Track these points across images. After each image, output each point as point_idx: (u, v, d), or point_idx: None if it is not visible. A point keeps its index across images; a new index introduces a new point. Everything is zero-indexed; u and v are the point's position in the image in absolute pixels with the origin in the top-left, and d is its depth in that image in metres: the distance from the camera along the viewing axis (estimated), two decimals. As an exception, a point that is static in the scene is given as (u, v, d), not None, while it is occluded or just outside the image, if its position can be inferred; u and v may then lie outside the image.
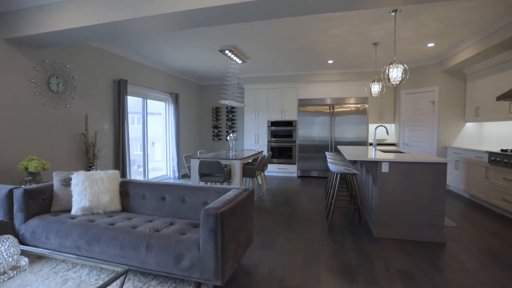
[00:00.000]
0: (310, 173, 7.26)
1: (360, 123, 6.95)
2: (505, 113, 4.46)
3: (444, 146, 5.91)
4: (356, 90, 6.97)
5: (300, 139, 7.27)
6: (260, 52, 5.26)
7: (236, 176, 4.40)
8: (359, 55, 5.56)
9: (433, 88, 6.02)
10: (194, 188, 2.46)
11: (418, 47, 5.01)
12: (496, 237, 3.23)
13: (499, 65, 4.64)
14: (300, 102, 7.26)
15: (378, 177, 3.15)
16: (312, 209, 4.29)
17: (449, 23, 3.89)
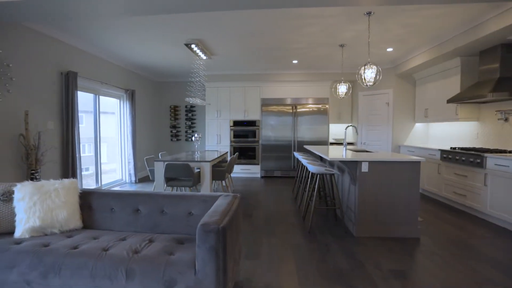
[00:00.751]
0: (274, 173, 7.21)
1: (321, 123, 7.11)
2: (452, 114, 4.91)
3: (397, 145, 6.34)
4: (318, 90, 7.12)
5: (263, 139, 7.17)
6: (226, 48, 5.00)
7: (206, 180, 4.09)
8: (324, 56, 5.64)
9: (387, 90, 6.42)
10: (174, 196, 2.13)
11: (379, 51, 5.26)
12: (457, 228, 3.49)
13: (446, 71, 5.10)
14: (263, 102, 7.16)
15: (358, 177, 3.16)
16: (285, 211, 4.18)
17: (410, 29, 4.11)
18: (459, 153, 4.33)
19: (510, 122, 4.19)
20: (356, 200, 3.21)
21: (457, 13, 3.56)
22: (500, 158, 3.58)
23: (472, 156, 4.03)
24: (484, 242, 3.06)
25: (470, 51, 4.45)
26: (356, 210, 3.22)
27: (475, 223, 3.70)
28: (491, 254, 2.77)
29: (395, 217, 3.20)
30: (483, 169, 3.85)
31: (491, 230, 3.46)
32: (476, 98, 4.05)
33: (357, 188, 3.18)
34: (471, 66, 4.75)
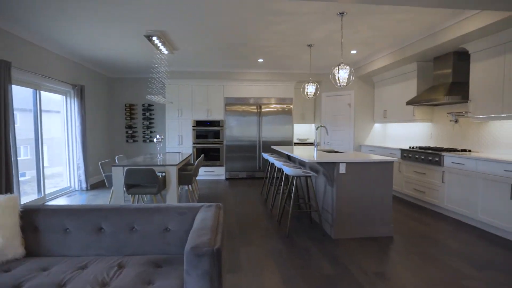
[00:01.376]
0: (239, 175, 7.01)
1: (286, 123, 7.10)
2: (410, 115, 5.21)
3: (359, 145, 6.59)
4: (282, 90, 7.09)
5: (227, 140, 6.93)
6: (191, 42, 4.66)
7: (172, 185, 3.73)
8: (291, 56, 5.60)
9: (349, 92, 6.63)
10: (147, 210, 1.81)
11: (344, 52, 5.37)
12: (422, 223, 3.67)
13: (404, 75, 5.39)
14: (227, 101, 6.91)
15: (336, 178, 3.12)
16: (258, 215, 4.02)
17: (377, 33, 4.23)
18: (418, 152, 4.59)
19: (460, 123, 4.55)
20: (334, 201, 3.16)
21: (420, 20, 3.73)
22: (456, 156, 3.84)
23: (431, 155, 4.29)
24: (447, 236, 3.24)
25: (426, 57, 4.74)
26: (333, 212, 3.18)
27: (435, 218, 3.93)
28: (456, 247, 2.92)
29: (370, 217, 3.23)
30: (441, 167, 4.11)
31: (450, 223, 3.69)
32: (433, 100, 4.31)
33: (335, 189, 3.14)
34: (426, 71, 5.08)
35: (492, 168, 3.36)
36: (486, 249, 2.89)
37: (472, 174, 3.61)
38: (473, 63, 3.95)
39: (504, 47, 3.52)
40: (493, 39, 3.61)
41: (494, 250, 2.87)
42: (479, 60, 3.86)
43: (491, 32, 3.52)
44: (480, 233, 3.35)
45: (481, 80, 3.83)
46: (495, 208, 3.32)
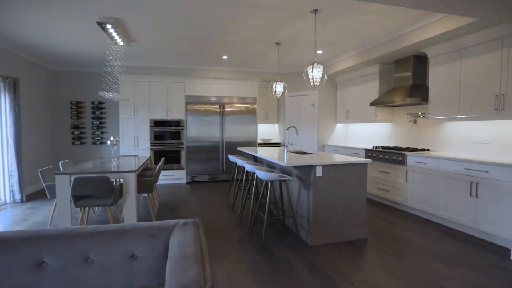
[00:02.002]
0: (201, 178, 6.64)
1: (250, 123, 6.91)
2: (372, 116, 5.37)
3: (322, 145, 6.66)
4: (246, 89, 6.88)
5: (189, 141, 6.51)
6: (150, 34, 4.20)
7: (131, 194, 3.28)
8: (257, 54, 5.41)
9: (313, 92, 6.66)
10: (105, 233, 1.45)
11: (310, 52, 5.33)
12: (389, 222, 3.74)
13: (366, 77, 5.54)
14: (188, 100, 6.49)
15: (313, 182, 2.99)
16: (227, 223, 3.75)
17: (346, 33, 4.23)
18: (382, 152, 4.71)
19: (418, 124, 4.78)
20: (310, 206, 3.03)
21: (387, 22, 3.80)
22: (419, 156, 4.00)
23: (395, 155, 4.42)
24: (416, 235, 3.32)
25: (388, 60, 4.90)
26: (310, 217, 3.05)
27: (401, 216, 4.05)
28: (427, 246, 2.99)
29: (345, 220, 3.16)
30: (404, 166, 4.26)
31: (415, 221, 3.82)
32: (396, 102, 4.45)
33: (311, 193, 3.01)
34: (387, 73, 5.27)
35: (452, 166, 3.53)
36: (453, 246, 3.00)
37: (434, 173, 3.78)
38: (432, 67, 4.15)
39: (460, 53, 3.73)
40: (451, 45, 3.81)
41: (460, 246, 2.98)
42: (438, 64, 4.06)
43: (449, 38, 3.71)
44: (444, 230, 3.50)
45: (440, 83, 4.03)
46: (456, 205, 3.49)
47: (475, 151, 3.85)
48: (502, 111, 3.26)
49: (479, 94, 3.50)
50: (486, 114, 3.42)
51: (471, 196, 3.31)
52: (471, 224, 3.31)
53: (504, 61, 3.25)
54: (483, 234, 3.24)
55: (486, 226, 3.15)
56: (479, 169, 3.21)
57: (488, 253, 2.85)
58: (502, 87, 3.27)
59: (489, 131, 3.70)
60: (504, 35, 3.23)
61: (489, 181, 3.11)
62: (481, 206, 3.21)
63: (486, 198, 3.15)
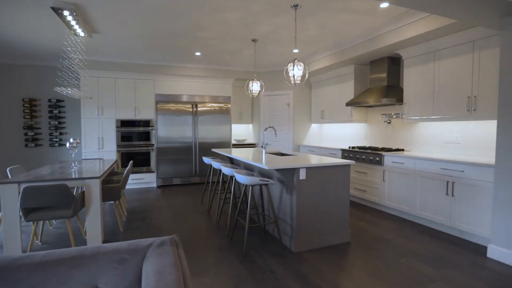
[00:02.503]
0: (172, 181, 6.28)
1: (224, 123, 6.68)
2: (348, 116, 5.38)
3: (298, 145, 6.60)
4: (220, 88, 6.64)
5: (159, 142, 6.12)
6: (115, 24, 3.82)
7: (95, 204, 2.92)
8: (232, 51, 5.19)
9: (288, 92, 6.57)
10: (60, 262, 1.16)
11: (286, 50, 5.21)
12: (369, 223, 3.71)
13: (341, 77, 5.55)
14: (158, 98, 6.10)
15: (296, 185, 2.84)
16: (204, 231, 3.50)
17: (324, 32, 4.16)
18: (359, 152, 4.72)
19: (392, 124, 4.86)
20: (294, 211, 2.89)
21: (364, 22, 3.77)
22: (396, 156, 4.03)
23: (372, 155, 4.44)
24: (396, 235, 3.31)
25: (363, 60, 4.92)
26: (293, 222, 2.90)
27: (379, 216, 4.06)
28: (407, 246, 2.98)
29: (329, 224, 3.06)
30: (381, 166, 4.28)
31: (393, 221, 3.84)
32: (372, 102, 4.47)
33: (295, 197, 2.86)
34: (362, 74, 5.31)
35: (429, 166, 3.58)
36: (433, 246, 3.01)
37: (411, 173, 3.82)
38: (407, 68, 4.21)
39: (434, 54, 3.80)
40: (425, 47, 3.88)
41: (440, 245, 3.01)
42: (412, 66, 4.12)
43: (424, 40, 3.77)
44: (422, 229, 3.54)
45: (414, 84, 4.09)
46: (432, 204, 3.55)
47: (447, 151, 3.95)
48: (474, 112, 3.35)
49: (453, 95, 3.58)
50: (459, 115, 3.51)
51: (447, 195, 3.37)
52: (447, 223, 3.37)
53: (475, 63, 3.34)
54: (459, 232, 3.31)
55: (462, 224, 3.22)
56: (455, 169, 3.28)
57: (466, 251, 2.89)
58: (474, 89, 3.36)
59: (460, 131, 3.81)
60: (475, 39, 3.33)
61: (465, 181, 3.18)
62: (457, 205, 3.27)
63: (462, 197, 3.22)
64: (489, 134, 3.49)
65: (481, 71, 3.29)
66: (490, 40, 3.19)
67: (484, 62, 3.26)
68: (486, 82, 3.24)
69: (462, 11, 2.55)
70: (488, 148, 3.48)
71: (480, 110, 3.30)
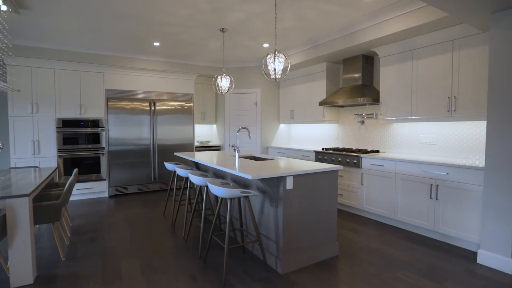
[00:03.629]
0: (128, 190, 5.52)
1: (186, 123, 6.08)
2: (320, 116, 5.16)
3: (266, 146, 6.25)
4: (182, 85, 6.02)
5: (112, 144, 5.32)
6: (52, 2, 3.06)
7: (22, 230, 2.20)
8: (196, 42, 4.64)
9: (256, 90, 6.19)
10: None
11: (255, 45, 4.82)
12: (351, 230, 3.48)
13: (313, 75, 5.31)
14: (109, 94, 5.29)
15: (282, 196, 2.44)
16: (168, 252, 2.93)
17: (299, 25, 3.84)
18: (334, 154, 4.50)
19: (366, 125, 4.74)
20: (280, 227, 2.48)
21: (344, 15, 3.53)
22: (375, 158, 3.86)
23: (349, 157, 4.24)
24: (381, 243, 3.10)
25: (336, 58, 4.72)
26: (279, 240, 2.50)
27: (357, 221, 3.86)
28: (398, 255, 2.78)
29: (317, 237, 2.72)
30: (359, 169, 4.09)
31: (373, 226, 3.66)
32: (348, 102, 4.28)
33: (281, 211, 2.46)
34: (334, 72, 5.12)
35: (411, 168, 3.45)
36: (421, 253, 2.84)
37: (391, 175, 3.67)
38: (383, 67, 4.08)
39: (412, 53, 3.70)
40: (402, 45, 3.76)
41: (428, 253, 2.85)
42: (389, 64, 4.00)
43: (401, 38, 3.64)
44: (405, 234, 3.40)
45: (391, 83, 3.97)
46: (415, 208, 3.42)
47: (423, 152, 3.89)
48: (454, 112, 3.28)
49: (432, 96, 3.50)
50: (439, 115, 3.43)
51: (431, 198, 3.25)
52: (431, 227, 3.26)
53: (455, 63, 3.27)
54: (443, 237, 3.21)
55: (447, 229, 3.12)
56: (439, 171, 3.17)
57: (456, 258, 2.76)
58: (453, 89, 3.29)
59: (436, 132, 3.76)
60: (454, 38, 3.26)
61: (450, 183, 3.08)
62: (441, 209, 3.17)
63: (446, 201, 3.12)
64: (466, 135, 3.46)
65: (461, 71, 3.22)
66: (470, 40, 3.13)
67: (464, 62, 3.19)
68: (467, 82, 3.18)
69: (454, 3, 2.38)
70: (468, 150, 3.45)
71: (460, 110, 3.23)
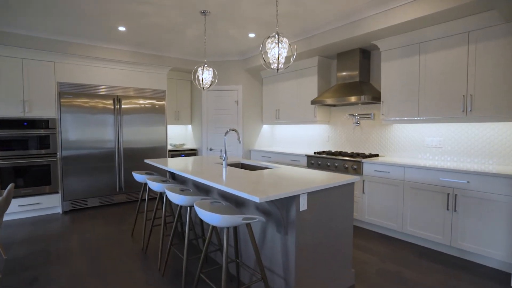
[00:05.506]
0: (87, 203, 4.63)
1: (157, 123, 5.31)
2: (311, 117, 4.68)
3: (248, 150, 5.67)
4: (153, 80, 5.24)
5: (66, 148, 4.42)
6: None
7: None
8: (170, 28, 3.93)
9: (237, 87, 5.58)
10: None
11: (239, 34, 4.21)
12: (358, 248, 3.01)
13: (302, 71, 4.81)
14: (62, 89, 4.38)
15: (295, 220, 1.87)
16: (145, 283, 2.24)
17: (292, 10, 3.30)
18: (329, 159, 4.03)
19: (361, 126, 4.33)
20: (292, 259, 1.91)
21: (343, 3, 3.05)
22: (379, 164, 3.44)
23: (348, 162, 3.79)
24: (396, 263, 2.66)
25: (329, 52, 4.26)
26: (290, 276, 1.92)
27: (359, 235, 3.41)
28: (418, 279, 2.33)
29: (332, 266, 2.19)
30: (360, 176, 3.65)
31: (379, 240, 3.23)
32: (345, 100, 3.83)
33: (292, 238, 1.89)
34: (325, 68, 4.67)
35: (423, 175, 3.05)
36: (444, 275, 2.43)
37: (399, 183, 3.26)
38: (385, 62, 3.67)
39: (419, 46, 3.32)
40: (409, 37, 3.37)
41: (452, 274, 2.44)
42: (392, 59, 3.60)
43: (409, 29, 3.25)
44: (417, 250, 2.99)
45: (395, 80, 3.57)
46: (427, 221, 3.03)
47: (428, 156, 3.54)
48: (470, 113, 2.93)
49: (443, 94, 3.13)
50: (451, 116, 3.07)
51: (447, 210, 2.87)
52: (447, 242, 2.88)
53: (471, 58, 2.92)
54: (462, 253, 2.84)
55: (467, 244, 2.75)
56: (459, 179, 2.79)
57: (487, 280, 2.38)
58: (469, 86, 2.94)
59: (443, 134, 3.42)
60: (471, 29, 2.91)
61: (470, 193, 2.71)
62: (459, 222, 2.79)
63: (466, 212, 2.74)
64: (479, 138, 3.14)
65: (479, 67, 2.88)
66: (490, 31, 2.79)
67: (482, 56, 2.85)
68: (485, 79, 2.83)
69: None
70: (480, 154, 3.13)
71: (478, 110, 2.89)
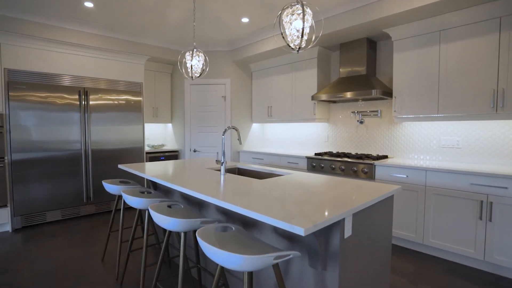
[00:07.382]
0: (46, 217, 3.84)
1: (133, 121, 4.60)
2: (310, 114, 4.22)
3: (237, 151, 5.11)
4: (127, 70, 4.53)
5: (17, 151, 3.61)
6: None
7: None
8: (149, 8, 3.28)
9: (224, 80, 4.99)
10: None
11: (230, 18, 3.65)
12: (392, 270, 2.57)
13: (299, 63, 4.33)
14: (12, 78, 3.58)
15: (339, 251, 1.36)
16: None
17: (303, -13, 2.81)
18: (334, 161, 3.59)
19: (366, 124, 3.94)
20: (334, 305, 1.39)
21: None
22: (396, 167, 3.03)
23: (356, 165, 3.35)
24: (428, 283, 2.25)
25: (330, 42, 3.82)
26: (333, 327, 1.40)
27: (378, 249, 2.99)
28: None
29: (375, 304, 1.70)
30: (372, 181, 3.23)
31: (399, 254, 2.82)
32: (355, 96, 3.40)
33: (336, 276, 1.37)
34: (325, 59, 4.23)
35: (450, 180, 2.68)
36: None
37: (419, 189, 2.87)
38: (398, 52, 3.28)
39: (440, 34, 2.95)
40: (427, 24, 2.99)
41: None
42: (406, 50, 3.21)
43: (428, 15, 2.87)
44: (445, 266, 2.60)
45: (409, 73, 3.19)
46: (454, 231, 2.66)
47: (444, 158, 3.20)
48: (501, 109, 2.60)
49: (468, 88, 2.78)
50: (478, 113, 2.72)
51: (480, 219, 2.51)
52: (480, 256, 2.52)
53: (503, 47, 2.59)
54: (499, 269, 2.49)
55: (505, 259, 2.40)
56: (495, 184, 2.43)
57: (541, 307, 2.02)
58: (501, 80, 2.60)
59: (461, 133, 3.09)
60: (502, 14, 2.57)
61: (509, 200, 2.36)
62: (495, 233, 2.44)
63: (504, 222, 2.39)
64: (504, 137, 2.82)
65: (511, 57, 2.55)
66: (526, 17, 2.47)
67: (517, 45, 2.52)
68: (520, 71, 2.51)
69: None
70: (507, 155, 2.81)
71: (510, 107, 2.55)
